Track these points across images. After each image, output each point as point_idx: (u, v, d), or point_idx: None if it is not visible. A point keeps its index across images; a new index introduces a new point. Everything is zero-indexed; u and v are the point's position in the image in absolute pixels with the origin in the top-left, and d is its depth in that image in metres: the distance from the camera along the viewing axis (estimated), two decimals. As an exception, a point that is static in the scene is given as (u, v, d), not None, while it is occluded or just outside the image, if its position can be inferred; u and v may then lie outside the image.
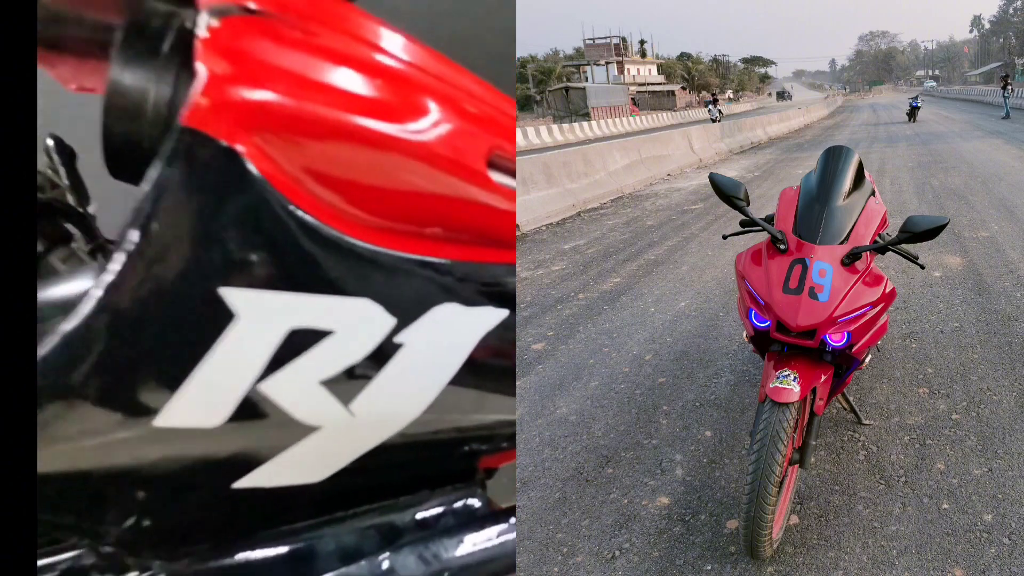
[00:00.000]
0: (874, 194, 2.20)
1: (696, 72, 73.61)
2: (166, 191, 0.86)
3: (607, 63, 60.42)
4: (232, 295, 0.91)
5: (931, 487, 2.11)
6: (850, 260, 1.79)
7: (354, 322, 1.00)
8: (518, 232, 6.56)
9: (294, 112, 0.90)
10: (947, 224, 1.77)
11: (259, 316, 0.94)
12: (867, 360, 2.15)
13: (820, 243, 1.82)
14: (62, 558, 1.03)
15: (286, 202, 0.92)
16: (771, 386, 1.69)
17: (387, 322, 1.02)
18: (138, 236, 0.86)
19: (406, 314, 1.04)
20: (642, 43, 70.98)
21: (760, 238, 2.06)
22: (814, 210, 1.91)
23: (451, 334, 1.10)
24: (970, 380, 2.81)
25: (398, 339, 1.04)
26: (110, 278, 0.86)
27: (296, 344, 0.97)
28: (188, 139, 0.86)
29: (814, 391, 1.83)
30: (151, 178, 0.86)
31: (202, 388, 0.94)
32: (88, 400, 0.90)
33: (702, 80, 71.76)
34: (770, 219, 2.10)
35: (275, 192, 0.91)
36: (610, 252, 5.66)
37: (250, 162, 0.89)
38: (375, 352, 1.03)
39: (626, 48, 65.28)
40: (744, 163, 12.58)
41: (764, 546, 1.73)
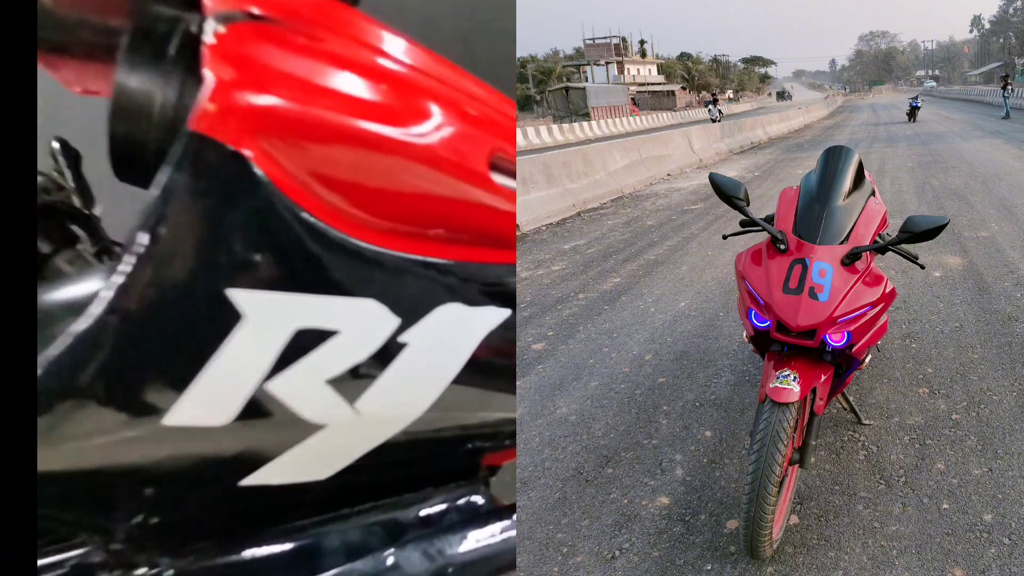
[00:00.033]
0: (874, 194, 2.20)
1: (696, 72, 73.62)
2: (174, 195, 0.87)
3: (607, 63, 60.43)
4: (239, 296, 0.93)
5: (931, 487, 2.11)
6: (850, 260, 1.80)
7: (359, 322, 1.02)
8: (518, 232, 6.57)
9: (299, 117, 0.91)
10: (947, 224, 1.78)
11: (266, 317, 0.95)
12: (867, 360, 2.15)
13: (820, 243, 1.82)
14: (71, 555, 1.04)
15: (292, 205, 0.93)
16: (771, 386, 1.70)
17: (391, 322, 1.04)
18: (147, 239, 0.87)
19: (410, 314, 1.05)
20: (642, 43, 71.01)
21: (760, 238, 2.07)
22: (814, 210, 1.91)
23: (454, 333, 1.11)
24: (970, 380, 2.82)
25: (402, 339, 1.05)
26: (120, 280, 0.87)
27: (302, 344, 0.98)
28: (196, 144, 0.87)
29: (814, 391, 1.83)
30: (160, 182, 0.87)
31: (210, 387, 0.95)
32: (98, 399, 0.92)
33: (702, 80, 71.76)
34: (770, 219, 2.10)
35: (281, 195, 0.92)
36: (610, 252, 5.67)
37: (257, 166, 0.90)
38: (380, 351, 1.04)
39: (626, 48, 65.28)
40: (744, 163, 12.58)
41: (764, 546, 1.73)
